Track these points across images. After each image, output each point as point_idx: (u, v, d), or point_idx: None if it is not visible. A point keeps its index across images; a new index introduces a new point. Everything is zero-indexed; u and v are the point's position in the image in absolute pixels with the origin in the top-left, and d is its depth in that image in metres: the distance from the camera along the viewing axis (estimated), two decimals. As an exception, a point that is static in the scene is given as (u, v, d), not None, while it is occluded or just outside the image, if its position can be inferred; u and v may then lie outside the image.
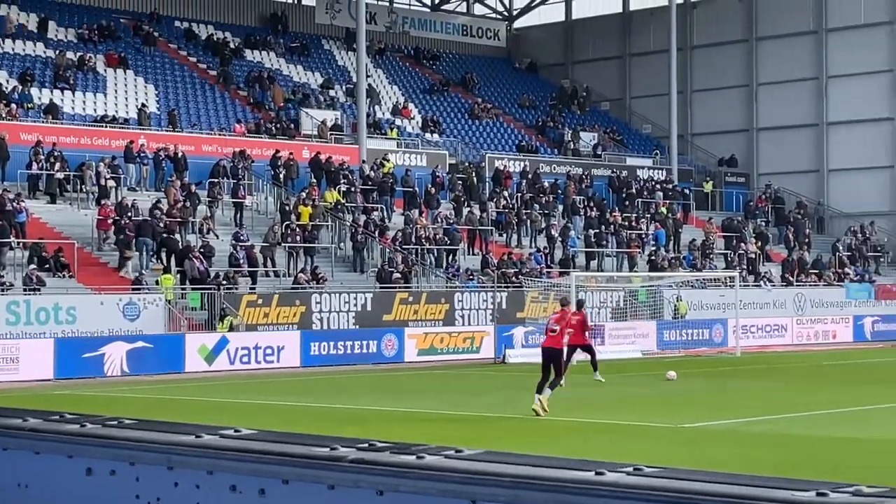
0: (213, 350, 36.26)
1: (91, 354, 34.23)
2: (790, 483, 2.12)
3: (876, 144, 66.54)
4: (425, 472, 2.55)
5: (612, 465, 2.38)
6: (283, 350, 37.72)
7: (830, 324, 52.38)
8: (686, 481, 2.24)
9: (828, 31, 67.76)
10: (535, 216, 53.39)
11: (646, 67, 72.57)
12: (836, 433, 19.95)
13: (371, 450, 2.75)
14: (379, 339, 39.86)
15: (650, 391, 29.10)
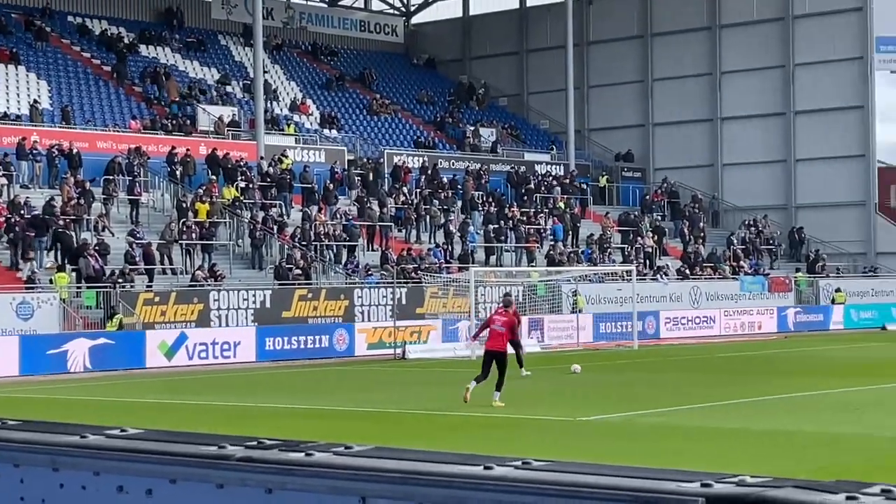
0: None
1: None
2: (676, 475, 2.13)
3: (769, 139, 67.64)
4: (314, 469, 2.52)
5: (501, 460, 2.38)
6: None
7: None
8: (574, 474, 2.24)
9: (721, 28, 68.72)
10: (434, 212, 53.47)
11: (543, 63, 73.02)
12: (728, 424, 20.22)
13: (259, 447, 2.71)
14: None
15: (549, 385, 29.27)
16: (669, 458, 16.46)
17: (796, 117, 66.86)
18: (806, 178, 66.63)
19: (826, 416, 21.18)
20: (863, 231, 65.44)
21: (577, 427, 20.33)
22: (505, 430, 20.06)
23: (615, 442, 18.29)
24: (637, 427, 20.06)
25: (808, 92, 66.15)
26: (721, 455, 16.55)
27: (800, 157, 66.84)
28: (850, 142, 65.31)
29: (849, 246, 65.12)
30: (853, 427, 19.56)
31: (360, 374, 34.32)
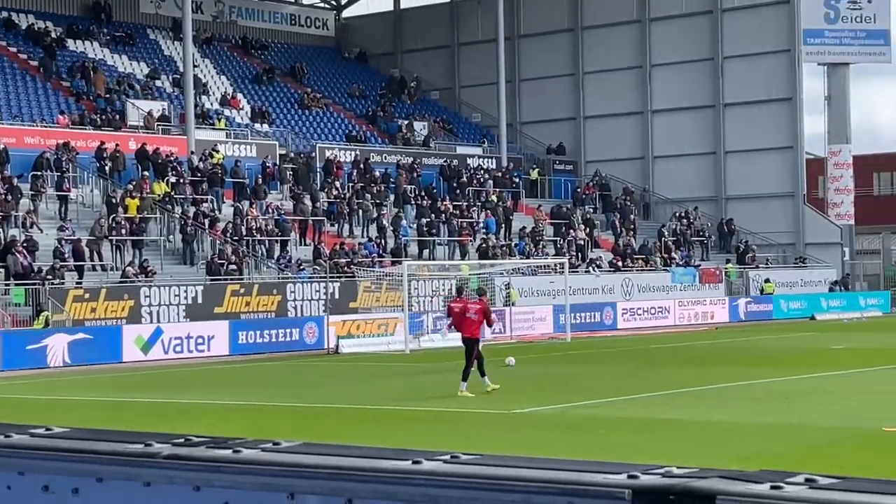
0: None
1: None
2: (603, 467, 2.14)
3: (698, 131, 68.18)
4: (242, 465, 2.51)
5: (430, 454, 2.37)
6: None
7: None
8: (502, 467, 2.24)
9: (651, 21, 69.16)
10: (367, 206, 53.39)
11: (474, 56, 73.10)
12: (661, 415, 20.37)
13: (186, 445, 2.69)
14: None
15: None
16: (602, 449, 16.55)
17: (725, 109, 67.44)
18: (735, 169, 67.22)
19: (757, 406, 21.38)
20: (791, 222, 66.15)
21: (511, 420, 20.38)
22: (440, 424, 20.08)
23: (548, 434, 18.36)
24: (570, 419, 20.15)
25: (737, 84, 66.73)
26: (653, 446, 16.66)
27: (729, 149, 67.44)
28: (779, 133, 65.98)
29: (778, 237, 65.80)
30: (784, 416, 19.76)
31: (293, 368, 34.19)
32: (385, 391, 26.35)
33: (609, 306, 51.27)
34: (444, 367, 32.54)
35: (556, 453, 16.09)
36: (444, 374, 29.86)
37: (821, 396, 22.87)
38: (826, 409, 20.77)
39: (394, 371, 32.58)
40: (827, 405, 21.32)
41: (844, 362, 30.68)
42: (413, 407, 22.48)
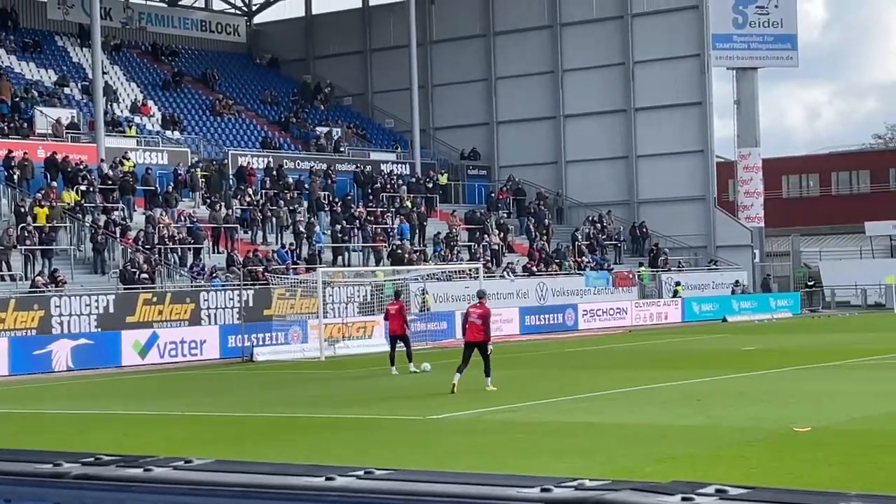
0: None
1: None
2: (516, 480, 2.15)
3: (610, 136, 68.72)
4: (153, 485, 2.48)
5: (344, 470, 2.36)
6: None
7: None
8: (416, 482, 2.24)
9: (562, 26, 69.59)
10: (280, 213, 53.14)
11: (387, 62, 73.09)
12: (576, 419, 20.48)
13: (97, 464, 2.65)
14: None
15: (400, 384, 29.30)
16: (519, 454, 16.60)
17: (637, 114, 68.04)
18: (647, 173, 67.84)
19: (670, 408, 21.57)
20: (703, 225, 66.87)
21: (427, 426, 20.38)
22: (355, 432, 20.02)
23: (464, 440, 18.38)
24: (486, 424, 20.19)
25: (647, 89, 67.36)
26: (570, 450, 16.74)
27: (641, 154, 68.05)
28: (690, 137, 66.69)
29: (690, 240, 66.49)
30: (696, 418, 19.95)
31: (207, 377, 33.92)
32: (301, 398, 26.23)
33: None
34: (359, 374, 32.54)
35: (473, 460, 16.12)
36: (360, 380, 29.82)
37: (732, 398, 23.12)
38: (738, 410, 21.00)
39: (309, 378, 32.45)
40: (738, 406, 21.56)
41: (755, 364, 31.07)
42: (328, 414, 22.40)
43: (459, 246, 57.24)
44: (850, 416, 19.51)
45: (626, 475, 14.40)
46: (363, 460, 15.99)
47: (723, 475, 14.23)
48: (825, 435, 17.38)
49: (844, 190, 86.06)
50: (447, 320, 47.77)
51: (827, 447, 16.21)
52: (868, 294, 67.84)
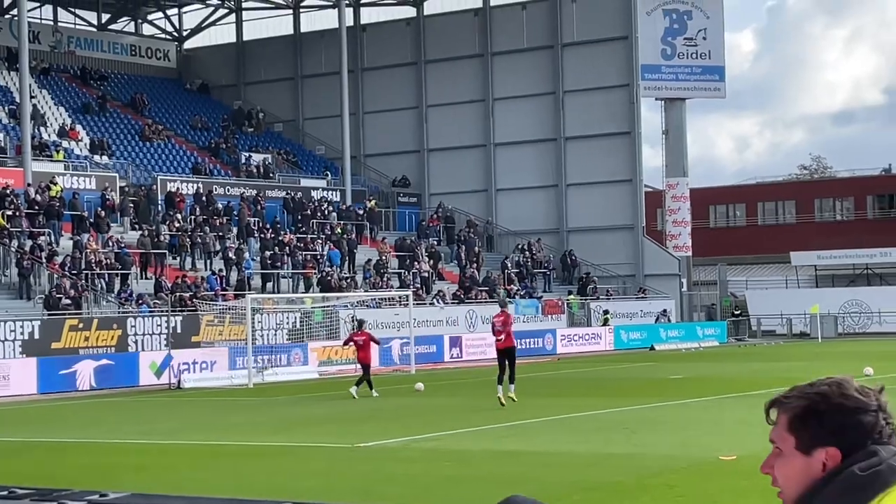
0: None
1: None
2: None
3: (540, 164, 69.06)
4: (68, 518, 2.46)
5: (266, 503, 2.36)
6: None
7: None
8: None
9: (493, 55, 69.93)
10: (210, 239, 52.85)
11: (318, 89, 73.05)
12: (503, 446, 20.50)
13: (11, 497, 2.63)
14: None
15: (329, 411, 29.18)
16: (446, 483, 16.59)
17: (567, 143, 68.47)
18: (577, 202, 68.23)
19: (597, 436, 21.65)
20: (631, 254, 67.32)
21: (355, 454, 20.30)
22: (283, 460, 19.89)
23: (393, 468, 18.33)
24: (415, 452, 20.15)
25: (577, 118, 67.82)
26: (497, 478, 16.75)
27: (570, 182, 68.44)
28: (619, 167, 67.16)
29: (618, 268, 66.90)
30: (623, 446, 20.04)
31: (135, 405, 33.59)
32: (228, 426, 26.05)
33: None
34: (288, 401, 32.40)
35: (402, 488, 16.10)
36: (289, 407, 29.67)
37: (659, 426, 23.25)
38: (665, 438, 21.12)
39: (237, 405, 32.24)
40: (666, 434, 21.69)
41: (682, 392, 31.26)
42: (256, 442, 22.26)
43: (389, 273, 57.20)
44: (774, 445, 19.65)
45: (554, 503, 14.43)
46: (291, 490, 15.92)
47: (649, 503, 14.31)
48: (751, 463, 17.47)
49: (770, 220, 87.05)
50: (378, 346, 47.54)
51: (752, 476, 16.29)
52: (793, 323, 68.56)
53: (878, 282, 73.67)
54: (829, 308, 66.81)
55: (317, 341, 46.34)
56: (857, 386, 2.93)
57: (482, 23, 70.21)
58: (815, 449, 2.90)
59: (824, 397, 2.93)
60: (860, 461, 2.84)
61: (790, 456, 2.96)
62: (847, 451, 2.86)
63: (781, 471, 2.99)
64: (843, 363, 41.52)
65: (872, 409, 2.89)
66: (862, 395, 2.91)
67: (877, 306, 68.61)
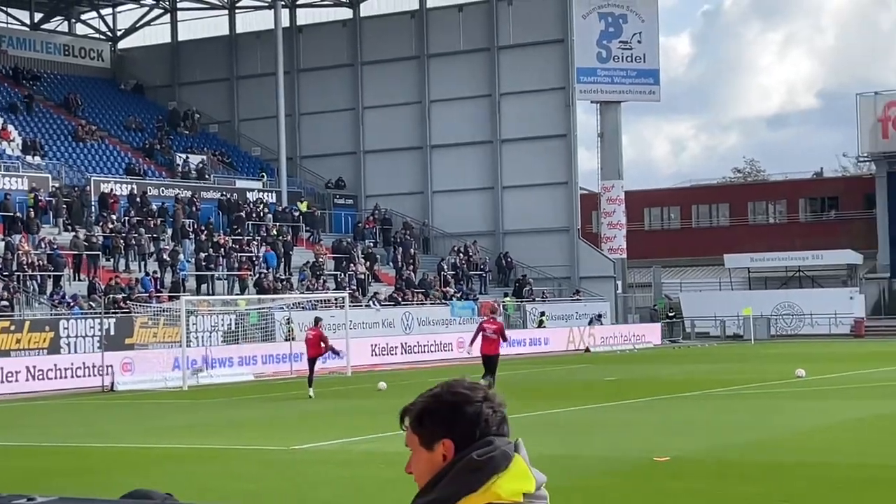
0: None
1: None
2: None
3: (477, 167, 69.17)
4: (-6, 523, 2.43)
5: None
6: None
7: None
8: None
9: (429, 57, 69.95)
10: (144, 240, 52.46)
11: (254, 90, 72.74)
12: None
13: (-65, 502, 2.60)
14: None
15: (265, 413, 29.07)
16: (380, 485, 16.57)
17: (503, 145, 68.62)
18: (513, 204, 68.40)
19: (532, 438, 21.66)
20: (567, 256, 67.60)
21: (290, 456, 20.23)
22: (216, 462, 19.78)
23: (328, 470, 18.28)
24: (350, 455, 20.12)
25: (513, 121, 67.99)
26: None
27: (507, 185, 68.60)
28: (554, 169, 67.41)
29: (554, 270, 67.15)
30: (558, 448, 20.11)
31: (68, 407, 33.26)
32: (162, 428, 25.86)
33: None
34: (222, 404, 32.22)
35: (337, 490, 16.06)
36: (223, 410, 29.50)
37: (593, 427, 23.37)
38: (599, 440, 21.23)
39: (172, 408, 32.03)
40: (600, 436, 21.80)
41: (617, 394, 31.43)
42: (190, 445, 22.11)
43: (325, 275, 57.07)
44: (708, 446, 19.84)
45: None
46: (225, 493, 15.84)
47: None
48: (684, 464, 17.64)
49: (705, 223, 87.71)
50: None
51: (686, 477, 16.46)
52: (727, 325, 69.16)
53: (810, 284, 74.46)
54: (761, 310, 67.46)
55: (252, 343, 46.13)
56: (466, 384, 3.39)
57: (419, 25, 70.23)
58: (435, 443, 3.33)
59: (436, 398, 3.37)
60: (479, 449, 3.26)
61: (418, 453, 3.39)
62: (459, 440, 3.30)
63: (415, 467, 3.40)
64: (775, 365, 41.97)
65: (477, 401, 3.33)
66: (468, 390, 3.35)
67: (808, 308, 69.35)
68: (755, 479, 16.04)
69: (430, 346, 52.81)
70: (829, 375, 35.82)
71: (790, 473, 16.54)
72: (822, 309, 68.58)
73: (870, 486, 15.30)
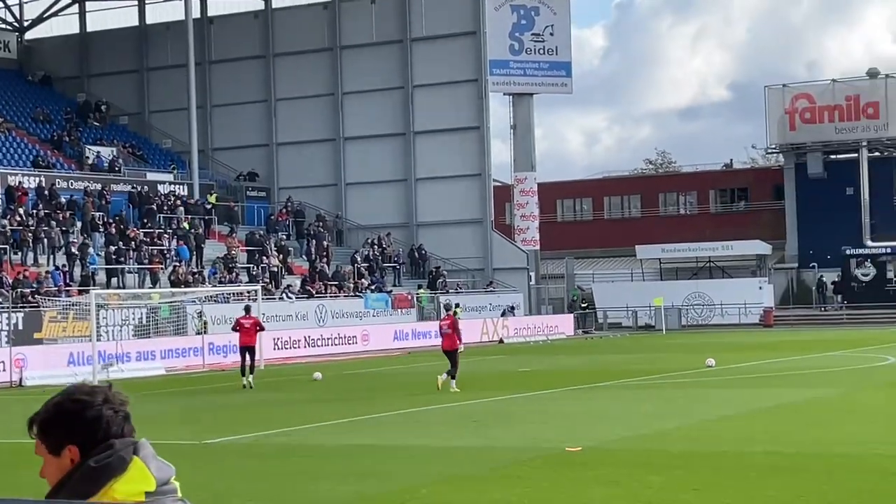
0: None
1: None
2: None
3: (390, 159, 69.11)
4: None
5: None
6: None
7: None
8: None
9: (342, 49, 69.74)
10: (53, 233, 51.77)
11: (165, 82, 72.06)
12: (355, 441, 20.49)
13: None
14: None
15: (176, 408, 28.84)
16: (298, 478, 16.52)
17: (416, 137, 68.63)
18: (426, 196, 68.45)
19: (447, 430, 21.77)
20: (480, 248, 67.78)
21: (204, 450, 20.10)
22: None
23: (244, 464, 18.19)
24: (265, 448, 20.03)
25: (427, 113, 68.01)
26: (348, 472, 16.74)
27: (420, 177, 68.63)
28: (468, 161, 67.56)
29: (467, 262, 67.31)
30: (473, 439, 20.19)
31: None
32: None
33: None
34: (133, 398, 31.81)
35: (254, 484, 15.99)
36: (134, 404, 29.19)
37: (508, 418, 23.47)
38: (513, 430, 21.33)
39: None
40: (514, 427, 21.90)
41: (531, 385, 31.61)
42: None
43: (238, 268, 56.72)
44: (620, 436, 20.01)
45: (402, 497, 14.50)
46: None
47: (497, 495, 14.44)
48: (596, 454, 17.78)
49: (616, 214, 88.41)
50: (228, 342, 47.08)
51: (597, 466, 16.59)
52: (639, 315, 69.79)
53: (721, 275, 75.34)
54: (673, 301, 68.17)
55: (164, 337, 45.75)
56: (86, 388, 3.57)
57: (331, 16, 69.98)
58: (62, 449, 3.48)
59: (57, 406, 3.52)
60: (98, 454, 3.44)
61: (47, 459, 3.52)
62: (84, 445, 3.46)
63: (46, 473, 3.53)
64: (686, 355, 42.43)
65: (98, 405, 3.50)
66: (88, 396, 3.52)
67: (719, 299, 70.18)
68: (666, 468, 16.21)
69: (345, 339, 52.65)
70: (738, 365, 36.28)
71: (701, 462, 16.73)
72: (732, 299, 69.44)
73: (780, 473, 15.53)
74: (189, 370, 42.80)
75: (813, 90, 78.31)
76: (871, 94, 76.01)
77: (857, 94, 76.32)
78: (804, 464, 16.27)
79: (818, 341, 49.79)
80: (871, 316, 67.24)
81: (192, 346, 45.63)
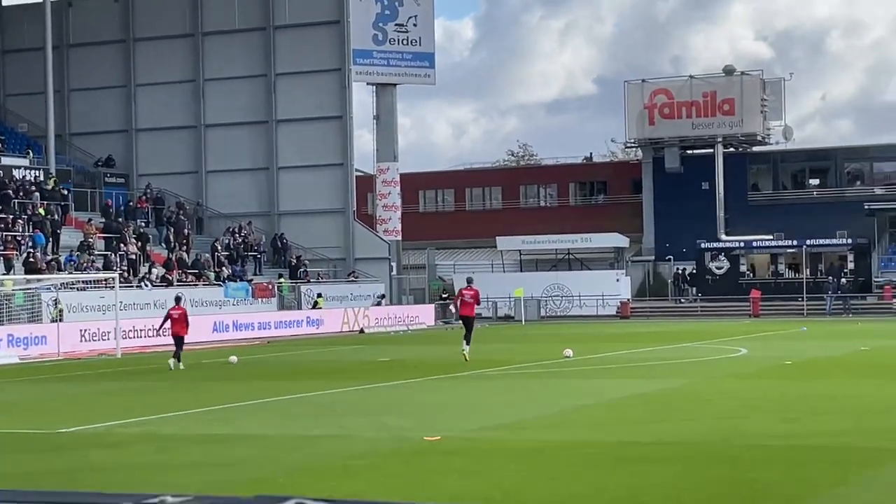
0: None
1: None
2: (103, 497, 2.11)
3: (252, 147, 68.67)
4: None
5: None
6: None
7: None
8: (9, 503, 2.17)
9: (204, 35, 69.03)
10: None
11: (21, 64, 70.58)
12: (212, 430, 20.31)
13: None
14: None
15: (27, 397, 28.29)
16: (150, 469, 16.31)
17: (278, 125, 68.24)
18: (288, 185, 68.13)
19: (305, 420, 21.69)
20: (342, 237, 67.69)
21: (55, 440, 19.74)
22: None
23: (95, 454, 17.91)
24: (118, 437, 19.74)
25: (289, 101, 67.67)
26: (203, 462, 16.59)
27: (282, 165, 68.29)
28: (330, 151, 67.41)
29: (329, 252, 67.18)
30: (331, 429, 20.14)
31: None
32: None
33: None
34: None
35: (105, 475, 15.74)
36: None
37: (366, 407, 23.48)
38: (371, 420, 21.33)
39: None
40: (372, 417, 21.90)
41: (390, 374, 31.67)
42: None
43: (95, 255, 55.80)
44: (479, 426, 20.13)
45: (258, 487, 14.42)
46: (-16, 478, 15.35)
47: (355, 485, 14.44)
48: (455, 444, 17.87)
49: (478, 205, 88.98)
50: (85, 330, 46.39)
51: (456, 456, 16.67)
52: (499, 306, 70.33)
53: (579, 266, 76.30)
54: (532, 292, 68.87)
55: (17, 324, 44.82)
56: None
57: (193, 2, 69.17)
58: None
59: None
60: None
61: None
62: None
63: None
64: (545, 345, 42.89)
65: None
66: None
67: (577, 290, 71.08)
68: (525, 457, 16.36)
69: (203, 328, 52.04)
70: (595, 355, 36.79)
71: (559, 451, 16.92)
72: (591, 290, 70.39)
73: (634, 462, 15.77)
74: (43, 358, 42.00)
75: (671, 86, 79.68)
76: (727, 90, 77.61)
77: (714, 91, 77.87)
78: (659, 453, 16.55)
79: (673, 332, 50.71)
80: (724, 308, 68.70)
81: (46, 334, 44.77)
